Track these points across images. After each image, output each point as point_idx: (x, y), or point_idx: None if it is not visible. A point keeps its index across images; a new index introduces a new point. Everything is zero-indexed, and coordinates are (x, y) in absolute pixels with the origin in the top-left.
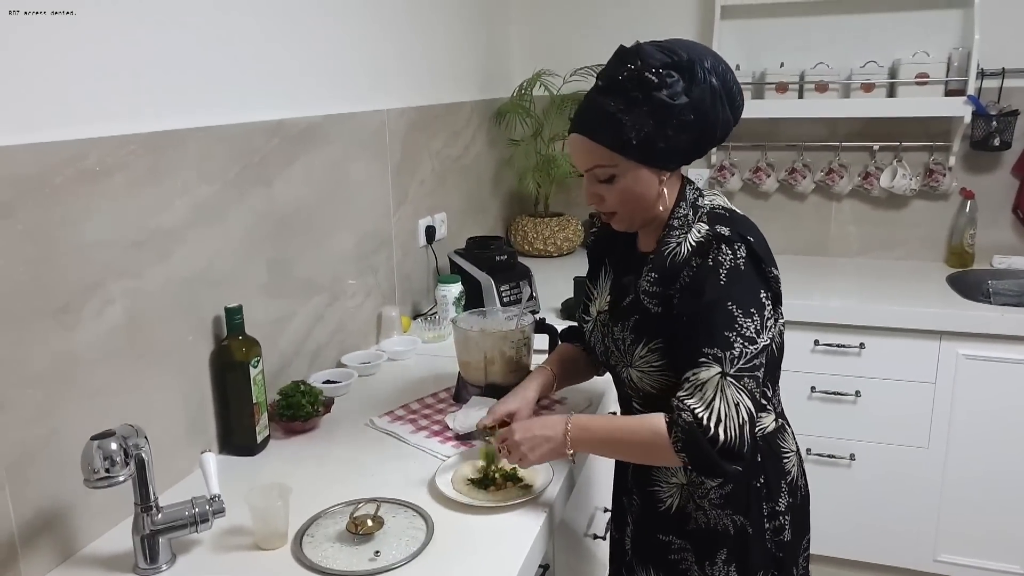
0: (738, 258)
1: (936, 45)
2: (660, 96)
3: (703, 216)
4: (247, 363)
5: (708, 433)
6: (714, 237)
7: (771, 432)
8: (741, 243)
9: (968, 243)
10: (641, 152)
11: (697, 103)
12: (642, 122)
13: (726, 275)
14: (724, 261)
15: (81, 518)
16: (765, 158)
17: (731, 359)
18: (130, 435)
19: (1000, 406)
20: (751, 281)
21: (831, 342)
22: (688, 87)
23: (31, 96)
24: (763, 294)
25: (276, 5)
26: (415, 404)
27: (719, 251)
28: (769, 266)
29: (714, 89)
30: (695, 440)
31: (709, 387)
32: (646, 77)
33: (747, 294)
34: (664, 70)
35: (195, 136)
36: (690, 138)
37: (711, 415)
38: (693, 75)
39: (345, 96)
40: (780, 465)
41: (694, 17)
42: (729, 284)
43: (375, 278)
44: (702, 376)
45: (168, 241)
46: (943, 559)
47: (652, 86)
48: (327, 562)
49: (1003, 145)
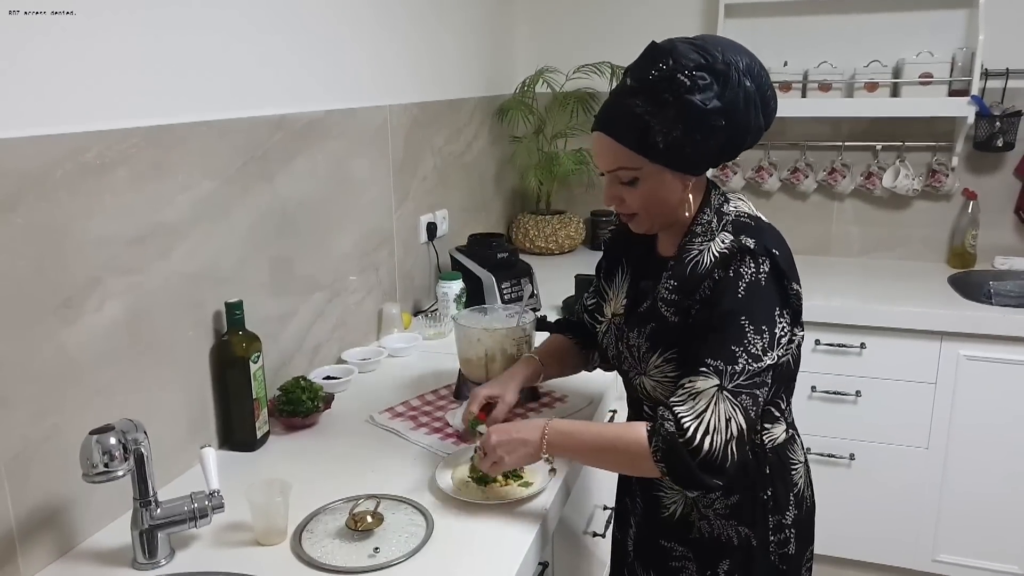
0: (760, 272)
1: (940, 45)
2: (692, 100)
3: (728, 224)
4: (247, 359)
5: (691, 444)
6: (739, 249)
7: (781, 443)
8: (766, 257)
9: (970, 244)
10: (667, 156)
11: (729, 108)
12: (670, 126)
13: (745, 288)
14: (745, 274)
15: (80, 513)
16: (768, 157)
17: (732, 374)
18: (129, 430)
19: (1000, 407)
20: (770, 298)
21: (832, 342)
22: (721, 91)
23: (32, 93)
24: (779, 311)
25: (279, 1)
26: (415, 401)
27: (742, 263)
28: (791, 281)
29: (748, 94)
30: (675, 450)
31: (703, 398)
32: (678, 79)
33: (763, 311)
34: (697, 72)
35: (197, 131)
36: (719, 143)
37: (699, 426)
38: (727, 79)
39: (348, 92)
40: (788, 477)
41: (698, 15)
42: (747, 298)
43: (376, 274)
44: (699, 385)
45: (170, 236)
46: (942, 559)
47: (684, 88)
48: (326, 558)
49: (1006, 146)
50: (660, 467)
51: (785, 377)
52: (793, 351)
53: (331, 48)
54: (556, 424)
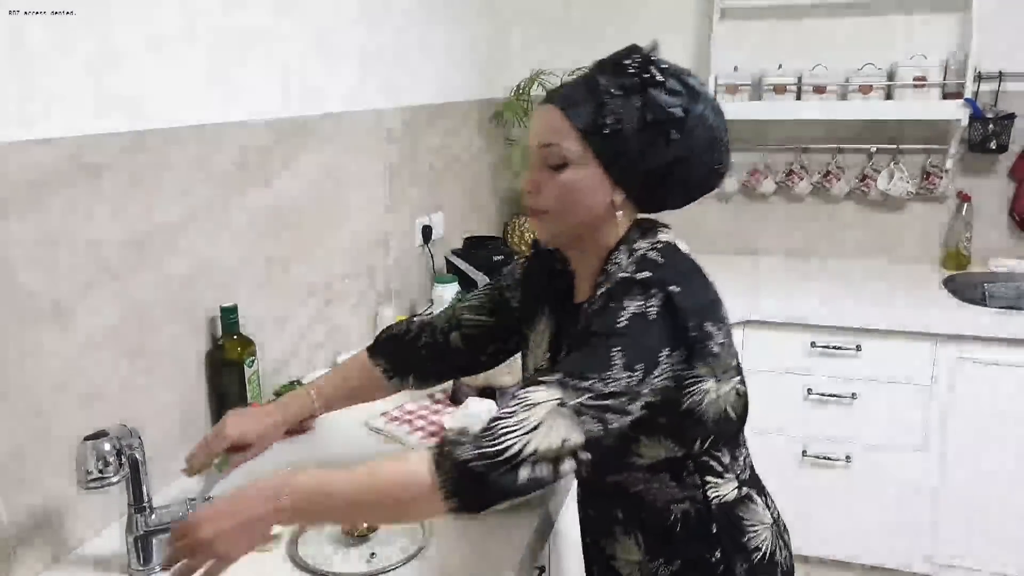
0: (649, 306)
1: (934, 48)
2: (656, 95)
3: (634, 261)
4: (242, 363)
5: (509, 464)
6: (628, 280)
7: (730, 502)
8: (659, 290)
9: (964, 246)
10: (605, 147)
11: (688, 127)
12: (626, 113)
13: (628, 319)
14: (630, 306)
15: (74, 518)
16: (763, 160)
17: (576, 390)
18: (124, 435)
19: (996, 409)
20: (655, 336)
21: (828, 344)
22: (688, 104)
23: (30, 95)
24: (667, 352)
25: (273, 4)
26: (412, 405)
27: (627, 294)
28: (700, 321)
29: (710, 126)
30: (473, 477)
31: (538, 412)
32: (651, 70)
33: (642, 347)
34: (671, 77)
35: (192, 134)
36: (665, 161)
37: (525, 445)
38: (698, 99)
39: (342, 95)
40: (742, 541)
41: (693, 18)
42: (627, 328)
43: (371, 278)
44: (535, 397)
45: (164, 240)
46: (939, 562)
47: (654, 83)
48: (323, 564)
49: (1000, 148)
50: (451, 503)
51: (727, 431)
52: (732, 399)
53: (325, 51)
54: (300, 483)
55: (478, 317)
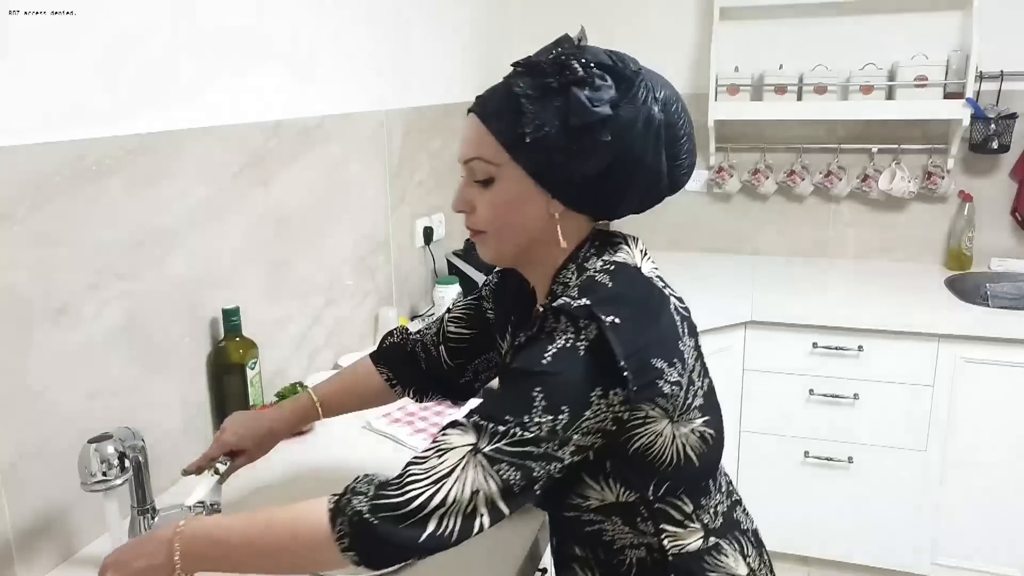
0: (580, 340)
1: (935, 48)
2: (578, 94)
3: (579, 284)
4: (244, 365)
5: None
6: (560, 309)
7: (692, 552)
8: (592, 323)
9: (966, 246)
10: (531, 157)
11: (622, 125)
12: (546, 118)
13: (554, 354)
14: (559, 339)
15: (78, 520)
16: (764, 160)
17: (492, 435)
18: (127, 437)
19: (998, 409)
20: (582, 374)
21: (829, 344)
22: (618, 99)
23: (30, 96)
24: (596, 393)
25: (273, 6)
26: (413, 406)
27: (557, 325)
28: (642, 357)
29: (651, 119)
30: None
31: (451, 457)
32: (572, 66)
33: (568, 387)
34: (597, 68)
35: (193, 137)
36: (597, 168)
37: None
38: (630, 89)
39: (343, 97)
40: None
41: (693, 18)
42: (551, 366)
43: (373, 279)
44: (451, 441)
45: (166, 242)
46: (941, 562)
47: (574, 78)
48: None
49: (1001, 148)
50: (350, 556)
51: (684, 476)
52: (691, 442)
53: (326, 53)
54: (191, 528)
55: (460, 331)
